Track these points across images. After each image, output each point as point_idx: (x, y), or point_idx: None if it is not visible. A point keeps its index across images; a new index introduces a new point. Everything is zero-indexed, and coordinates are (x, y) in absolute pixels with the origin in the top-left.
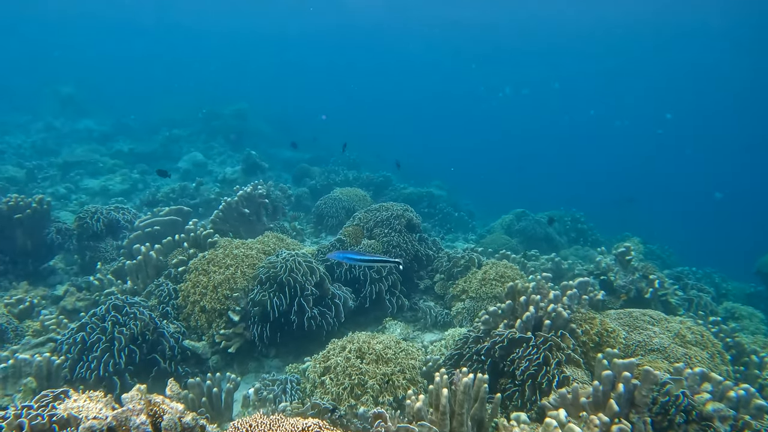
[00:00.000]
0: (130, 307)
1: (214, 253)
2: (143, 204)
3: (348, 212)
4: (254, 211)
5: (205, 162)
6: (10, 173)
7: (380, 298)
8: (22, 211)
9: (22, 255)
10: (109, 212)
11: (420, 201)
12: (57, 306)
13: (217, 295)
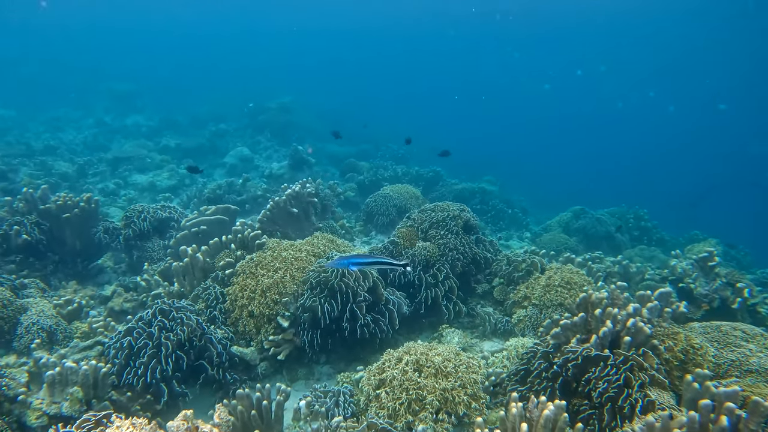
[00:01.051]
0: (176, 312)
1: (262, 255)
2: (190, 200)
3: (399, 210)
4: (303, 210)
5: (251, 157)
6: (63, 169)
7: (436, 304)
8: (70, 211)
9: (71, 254)
10: (155, 211)
11: (472, 197)
12: (105, 306)
13: (266, 299)
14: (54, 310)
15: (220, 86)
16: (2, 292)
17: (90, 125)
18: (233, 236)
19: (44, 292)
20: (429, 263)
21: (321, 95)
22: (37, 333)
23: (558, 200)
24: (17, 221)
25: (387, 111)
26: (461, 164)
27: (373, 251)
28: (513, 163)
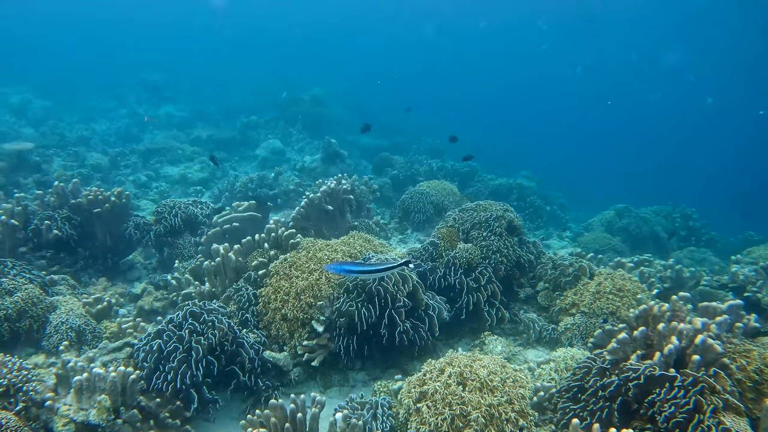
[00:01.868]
0: (207, 315)
1: (297, 255)
2: (221, 194)
3: (436, 207)
4: (338, 207)
5: (282, 149)
6: (95, 160)
7: (478, 310)
8: (101, 205)
9: (102, 250)
10: (187, 207)
11: (509, 193)
12: (134, 305)
13: (300, 302)
14: (83, 308)
15: (252, 77)
16: (32, 290)
17: (123, 116)
18: (266, 235)
19: (74, 289)
20: (471, 266)
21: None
22: (65, 333)
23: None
24: (48, 216)
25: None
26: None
27: (411, 252)
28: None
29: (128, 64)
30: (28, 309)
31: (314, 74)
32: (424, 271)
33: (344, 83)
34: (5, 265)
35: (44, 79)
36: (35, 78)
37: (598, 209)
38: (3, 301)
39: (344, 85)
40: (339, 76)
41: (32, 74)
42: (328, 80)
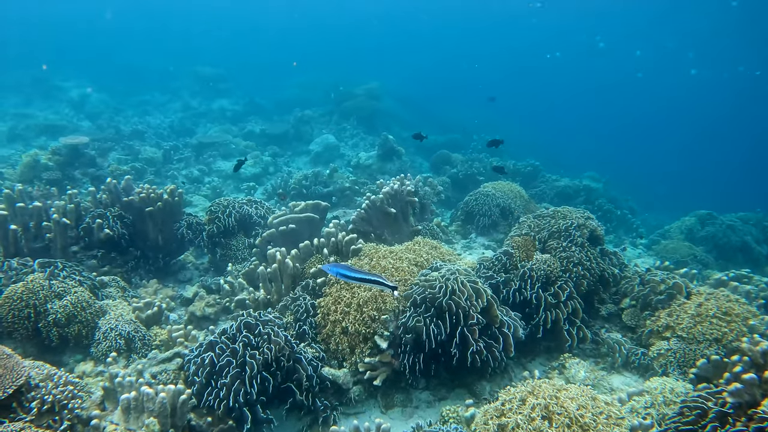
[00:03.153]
0: (263, 327)
1: (359, 263)
2: (275, 191)
3: (503, 211)
4: (400, 210)
5: (336, 145)
6: (149, 154)
7: (556, 328)
8: (153, 204)
9: (153, 249)
10: (241, 206)
11: (576, 195)
12: (186, 310)
13: (362, 315)
14: (133, 314)
15: (305, 70)
16: (81, 294)
17: (177, 109)
18: (326, 239)
19: (124, 291)
20: (549, 280)
21: (407, 81)
22: (114, 340)
23: (662, 200)
24: (100, 214)
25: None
26: (558, 159)
27: (482, 262)
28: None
29: (183, 58)
30: (77, 314)
31: (368, 68)
32: (497, 284)
33: (397, 77)
34: (56, 266)
35: (102, 72)
36: (94, 72)
37: (667, 213)
38: (53, 305)
39: (397, 79)
40: (391, 70)
41: (92, 68)
42: (380, 74)
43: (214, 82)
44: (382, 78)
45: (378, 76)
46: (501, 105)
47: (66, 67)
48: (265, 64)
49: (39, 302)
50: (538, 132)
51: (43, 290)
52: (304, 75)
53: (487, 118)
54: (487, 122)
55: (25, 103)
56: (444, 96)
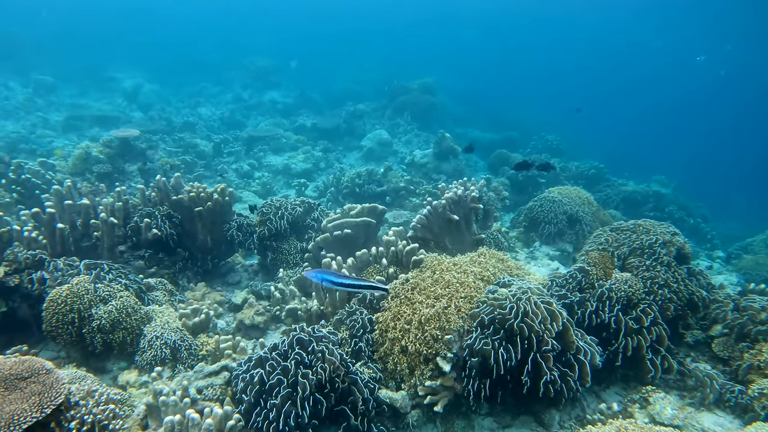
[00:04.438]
0: (317, 343)
1: (420, 276)
2: (326, 188)
3: (570, 219)
4: (464, 217)
5: (390, 141)
6: (200, 147)
7: (638, 356)
8: (203, 204)
9: (201, 251)
10: (294, 208)
11: (645, 202)
12: (234, 316)
13: (424, 334)
14: (179, 321)
15: (356, 63)
16: (127, 299)
17: (228, 101)
18: (385, 249)
19: (171, 294)
20: (630, 302)
21: (461, 76)
22: (160, 349)
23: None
24: (148, 213)
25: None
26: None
27: (555, 279)
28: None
29: (235, 49)
30: (122, 320)
31: (419, 62)
32: (571, 304)
33: (450, 72)
34: (102, 268)
35: (155, 63)
36: (147, 62)
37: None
38: (97, 310)
39: (450, 74)
40: (444, 65)
41: (145, 58)
42: (432, 68)
43: (265, 74)
44: (435, 72)
45: (431, 70)
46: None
47: (120, 58)
48: (315, 56)
49: (84, 307)
50: (598, 131)
51: (88, 294)
52: (356, 68)
53: (543, 116)
54: (544, 120)
55: (80, 93)
56: (499, 92)
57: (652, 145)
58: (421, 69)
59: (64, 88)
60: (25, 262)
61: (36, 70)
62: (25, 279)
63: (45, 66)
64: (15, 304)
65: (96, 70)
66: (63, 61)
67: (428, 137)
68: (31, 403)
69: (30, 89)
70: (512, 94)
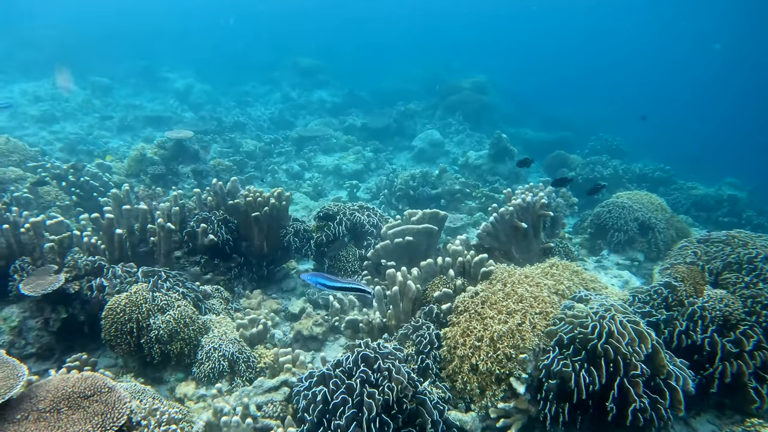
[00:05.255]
0: (383, 361)
1: (491, 289)
2: (379, 191)
3: (642, 226)
4: (532, 224)
5: (441, 141)
6: (249, 147)
7: (738, 383)
8: (259, 209)
9: (257, 257)
10: (353, 213)
11: (718, 206)
12: (291, 325)
13: (496, 352)
14: (237, 332)
15: (404, 61)
16: (185, 309)
17: (276, 100)
18: (452, 259)
19: (227, 302)
20: (727, 323)
21: (511, 74)
22: (218, 361)
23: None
24: (204, 218)
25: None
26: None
27: (637, 294)
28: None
29: (282, 48)
30: (179, 330)
31: (466, 61)
32: (657, 322)
33: (500, 70)
34: (159, 276)
35: (205, 63)
36: (198, 62)
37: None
38: (155, 319)
39: (500, 72)
40: (494, 62)
41: (195, 59)
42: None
43: (313, 73)
44: (483, 70)
45: (479, 68)
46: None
47: (172, 59)
48: (363, 54)
49: (142, 317)
50: (658, 130)
51: (146, 304)
52: (404, 66)
53: (597, 114)
54: (598, 119)
55: (134, 93)
56: (548, 90)
57: (719, 146)
58: (469, 67)
59: (119, 89)
60: (85, 269)
61: (94, 73)
62: (84, 286)
63: (102, 68)
64: (75, 310)
65: (149, 70)
66: (118, 63)
67: (480, 137)
68: (94, 424)
69: (88, 91)
70: (563, 92)
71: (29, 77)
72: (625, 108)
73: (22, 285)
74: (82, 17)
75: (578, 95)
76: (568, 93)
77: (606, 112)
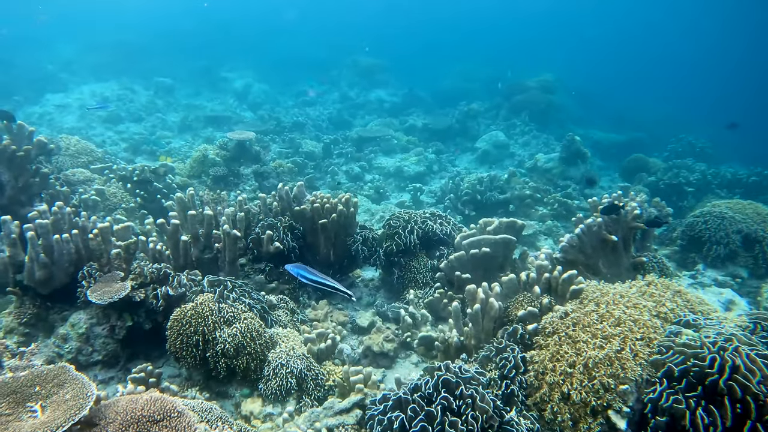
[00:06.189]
0: (465, 386)
1: (583, 309)
2: (445, 195)
3: (746, 239)
4: (623, 237)
5: (506, 143)
6: (309, 147)
7: None
8: (327, 215)
9: (323, 265)
10: (424, 221)
11: None
12: (359, 339)
13: (591, 381)
14: (305, 347)
15: (463, 59)
16: (251, 321)
17: (335, 100)
18: (537, 274)
19: (293, 314)
20: None
21: (578, 72)
22: (286, 378)
23: None
24: (270, 224)
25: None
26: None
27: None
28: None
29: (340, 47)
30: (246, 344)
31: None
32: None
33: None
34: (225, 286)
35: (263, 63)
36: (256, 62)
37: None
38: (221, 332)
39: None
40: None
41: (254, 59)
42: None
43: (371, 72)
44: (547, 68)
45: (543, 66)
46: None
47: (231, 59)
48: (421, 53)
49: (208, 329)
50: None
51: (213, 315)
52: (463, 64)
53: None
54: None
55: (194, 93)
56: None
57: None
58: (533, 65)
59: (180, 89)
60: (150, 276)
61: (157, 73)
62: (150, 294)
63: (165, 69)
64: (140, 318)
65: (209, 71)
66: (180, 64)
67: (547, 139)
68: None
69: (151, 92)
70: (630, 91)
71: (98, 78)
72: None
73: (90, 292)
74: (146, 20)
75: (648, 93)
76: (636, 91)
77: (681, 110)
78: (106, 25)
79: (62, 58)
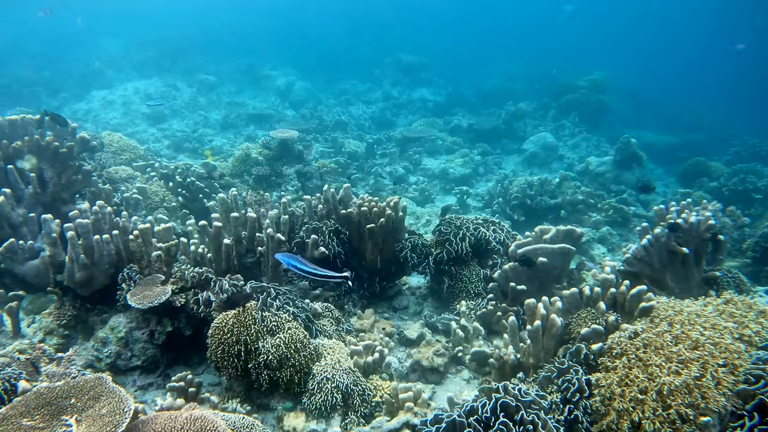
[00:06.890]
0: (526, 411)
1: (654, 329)
2: (493, 199)
3: None
4: (694, 249)
5: (555, 145)
6: (352, 147)
7: None
8: (374, 220)
9: (369, 272)
10: (477, 228)
11: None
12: (406, 352)
13: (666, 410)
14: (351, 360)
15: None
16: (295, 332)
17: (377, 99)
18: (602, 289)
19: (339, 323)
20: None
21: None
22: (331, 393)
23: None
24: (315, 229)
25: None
26: None
27: None
28: None
29: (383, 45)
30: (290, 356)
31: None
32: None
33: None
34: (268, 293)
35: (305, 61)
36: (298, 60)
37: None
38: (264, 343)
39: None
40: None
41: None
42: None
43: (415, 70)
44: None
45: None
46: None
47: (274, 56)
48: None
49: (250, 339)
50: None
51: (256, 324)
52: (506, 63)
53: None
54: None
55: (237, 91)
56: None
57: None
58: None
59: (223, 86)
60: (192, 281)
61: (201, 71)
62: (191, 299)
63: (209, 66)
64: (180, 323)
65: (252, 68)
66: (223, 61)
67: (598, 141)
68: None
69: (194, 89)
70: (684, 91)
71: (142, 75)
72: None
73: (130, 296)
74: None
75: (700, 93)
76: (687, 91)
77: (736, 111)
78: (153, 22)
79: (109, 55)
